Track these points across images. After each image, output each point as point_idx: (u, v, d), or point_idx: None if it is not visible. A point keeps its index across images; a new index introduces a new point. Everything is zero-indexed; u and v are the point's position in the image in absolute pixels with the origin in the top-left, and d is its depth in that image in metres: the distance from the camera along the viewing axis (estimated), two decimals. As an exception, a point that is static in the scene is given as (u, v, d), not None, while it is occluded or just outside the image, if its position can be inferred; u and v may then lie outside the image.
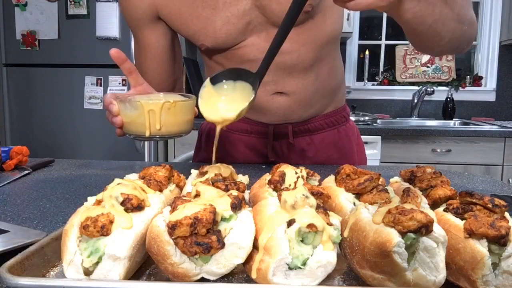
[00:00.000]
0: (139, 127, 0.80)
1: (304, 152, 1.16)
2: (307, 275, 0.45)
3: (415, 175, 0.70)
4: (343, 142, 1.20)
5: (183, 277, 0.46)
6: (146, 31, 1.06)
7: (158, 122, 0.79)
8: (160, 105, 0.78)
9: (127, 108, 0.81)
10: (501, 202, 0.48)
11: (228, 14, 0.96)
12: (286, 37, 0.71)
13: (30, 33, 2.65)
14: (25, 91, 2.71)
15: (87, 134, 2.67)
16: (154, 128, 0.80)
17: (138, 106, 0.79)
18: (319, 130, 1.16)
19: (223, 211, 0.48)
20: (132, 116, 0.80)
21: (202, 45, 1.02)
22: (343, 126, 1.20)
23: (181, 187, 0.73)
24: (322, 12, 1.00)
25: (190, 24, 0.99)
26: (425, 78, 3.33)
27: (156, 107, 0.78)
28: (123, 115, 0.82)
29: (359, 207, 0.50)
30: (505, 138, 2.63)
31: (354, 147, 1.23)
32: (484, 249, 0.44)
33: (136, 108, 0.79)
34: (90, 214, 0.47)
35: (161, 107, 0.79)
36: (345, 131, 1.21)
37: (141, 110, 0.79)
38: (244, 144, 1.17)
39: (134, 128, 0.82)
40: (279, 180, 0.66)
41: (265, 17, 0.97)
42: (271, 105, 1.07)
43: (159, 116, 0.79)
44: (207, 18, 0.97)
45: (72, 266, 0.46)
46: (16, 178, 0.99)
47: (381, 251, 0.43)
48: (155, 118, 0.79)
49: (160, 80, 1.11)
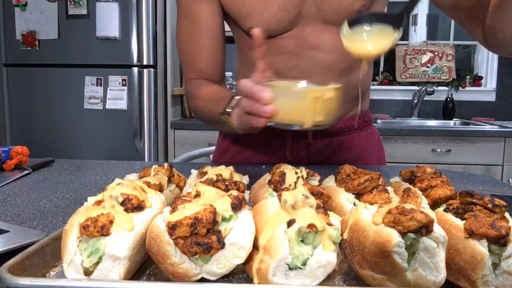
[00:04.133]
0: (297, 116, 0.71)
1: (321, 154, 1.15)
2: (307, 275, 0.45)
3: (415, 175, 0.70)
4: (362, 147, 1.18)
5: (183, 277, 0.46)
6: (201, 4, 1.02)
7: (321, 111, 0.71)
8: (326, 92, 0.71)
9: (285, 95, 0.72)
10: (501, 202, 0.48)
11: (286, 0, 0.94)
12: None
13: (30, 33, 2.64)
14: (25, 91, 2.71)
15: (87, 134, 2.67)
16: (317, 117, 0.71)
17: (302, 93, 0.71)
18: (340, 133, 1.15)
19: (223, 211, 0.48)
20: (291, 104, 0.71)
21: (251, 28, 0.98)
22: (364, 131, 1.19)
23: (181, 187, 0.73)
24: None
25: (247, 4, 0.97)
26: (425, 78, 3.33)
27: (321, 94, 0.70)
28: (277, 102, 0.71)
29: (359, 207, 0.50)
30: (505, 138, 2.63)
31: (373, 153, 1.21)
32: (484, 249, 0.44)
33: (299, 95, 0.71)
34: (90, 214, 0.47)
35: (326, 94, 0.71)
36: (366, 136, 1.19)
37: (305, 98, 0.70)
38: (262, 144, 1.16)
39: (290, 118, 0.72)
40: (279, 180, 0.66)
41: (317, 10, 0.96)
42: None
43: (322, 105, 0.71)
44: (265, 1, 0.95)
45: (72, 266, 0.46)
46: (16, 178, 0.99)
47: (381, 251, 0.43)
48: (319, 106, 0.70)
49: (214, 60, 1.07)
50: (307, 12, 0.96)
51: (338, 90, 0.72)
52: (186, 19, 1.06)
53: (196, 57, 1.07)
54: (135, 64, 2.53)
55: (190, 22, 1.05)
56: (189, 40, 1.06)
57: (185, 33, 1.07)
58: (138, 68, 2.53)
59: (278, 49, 1.01)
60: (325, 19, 0.96)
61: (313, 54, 1.00)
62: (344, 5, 0.94)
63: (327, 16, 0.96)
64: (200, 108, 1.07)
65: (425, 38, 3.38)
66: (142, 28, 2.53)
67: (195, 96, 1.07)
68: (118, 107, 2.62)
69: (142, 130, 2.60)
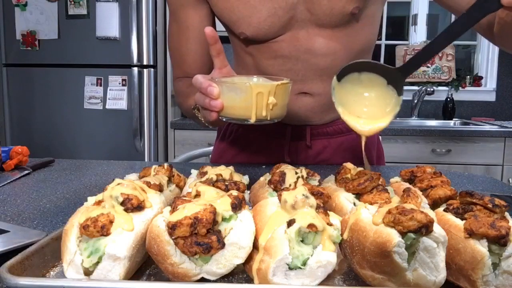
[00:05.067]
0: (243, 111, 0.73)
1: (320, 155, 1.15)
2: (307, 275, 0.45)
3: (415, 175, 0.70)
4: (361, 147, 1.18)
5: (183, 277, 0.46)
6: (190, 10, 1.04)
7: (265, 106, 0.72)
8: (269, 87, 0.71)
9: (231, 90, 0.73)
10: (501, 202, 0.48)
11: (276, 5, 0.94)
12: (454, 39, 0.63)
13: (30, 33, 2.65)
14: (25, 91, 2.71)
15: (87, 134, 2.67)
16: (260, 113, 0.72)
17: (246, 89, 0.71)
18: (338, 134, 1.15)
19: (223, 211, 0.48)
20: (236, 99, 0.72)
21: (242, 34, 1.00)
22: None
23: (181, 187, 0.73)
24: (364, 20, 0.99)
25: (236, 10, 0.97)
26: (425, 78, 3.33)
27: (265, 89, 0.71)
28: (225, 98, 0.74)
29: (359, 207, 0.50)
30: (505, 138, 2.63)
31: (372, 153, 1.21)
32: (484, 249, 0.44)
33: (243, 91, 0.72)
34: (90, 214, 0.47)
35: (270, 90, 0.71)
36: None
37: (248, 93, 0.71)
38: (260, 145, 1.16)
39: (236, 112, 0.74)
40: (279, 180, 0.66)
41: (309, 14, 0.96)
42: (294, 105, 1.05)
43: (266, 100, 0.71)
44: (254, 6, 0.95)
45: (72, 266, 0.46)
46: (16, 178, 0.99)
47: (381, 251, 0.43)
48: (263, 101, 0.71)
49: (201, 63, 1.09)
50: (300, 16, 0.96)
51: (284, 86, 0.73)
52: (176, 24, 1.08)
53: (183, 60, 1.09)
54: (135, 64, 2.53)
55: (178, 27, 1.08)
56: (177, 43, 1.10)
57: (174, 36, 1.10)
58: (138, 68, 2.53)
59: (272, 53, 1.01)
60: (318, 23, 0.96)
61: (307, 57, 1.00)
62: (337, 8, 0.93)
63: (320, 20, 0.96)
64: (180, 104, 1.14)
65: (425, 38, 3.38)
66: (142, 28, 2.53)
67: (177, 92, 1.14)
68: (118, 107, 2.62)
69: (142, 130, 2.60)
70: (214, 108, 0.74)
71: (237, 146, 1.20)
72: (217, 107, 0.74)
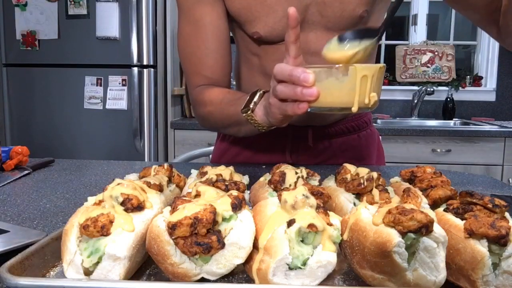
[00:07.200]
0: (345, 97, 0.65)
1: (321, 156, 1.15)
2: (307, 275, 0.45)
3: (415, 175, 0.70)
4: (362, 147, 1.18)
5: (183, 277, 0.46)
6: (207, 7, 0.99)
7: (368, 92, 0.65)
8: (374, 70, 0.64)
9: (330, 75, 0.65)
10: (501, 202, 0.48)
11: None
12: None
13: (30, 33, 2.64)
14: (25, 91, 2.71)
15: (87, 134, 2.67)
16: (363, 99, 0.65)
17: (350, 71, 0.64)
18: (339, 135, 1.15)
19: (223, 211, 0.48)
20: (336, 84, 0.65)
21: (256, 33, 0.98)
22: (364, 131, 1.19)
23: (181, 187, 0.73)
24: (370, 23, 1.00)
25: (253, 9, 0.96)
26: (425, 78, 3.33)
27: (370, 72, 0.64)
28: (321, 84, 0.66)
29: (359, 207, 0.50)
30: (505, 138, 2.63)
31: (373, 153, 1.22)
32: (484, 249, 0.44)
33: (346, 74, 0.64)
34: (90, 214, 0.47)
35: (374, 73, 0.64)
36: (366, 136, 1.19)
37: (352, 76, 0.64)
38: (262, 145, 1.16)
39: (336, 100, 0.67)
40: (279, 180, 0.66)
41: (320, 16, 0.96)
42: None
43: (370, 85, 0.65)
44: (271, 6, 0.94)
45: (72, 266, 0.46)
46: (16, 178, 0.99)
47: (381, 251, 0.43)
48: (366, 86, 0.65)
49: (223, 64, 1.03)
50: (311, 18, 0.96)
51: (383, 70, 0.67)
52: (189, 23, 1.02)
53: (202, 63, 1.03)
54: (135, 64, 2.53)
55: (193, 27, 1.01)
56: (194, 45, 1.02)
57: (189, 38, 1.03)
58: (138, 68, 2.53)
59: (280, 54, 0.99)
60: (328, 26, 0.96)
61: (315, 60, 1.00)
62: (347, 10, 0.94)
63: (330, 23, 0.96)
64: (212, 113, 1.02)
65: (425, 38, 3.38)
66: (142, 28, 2.53)
67: (204, 102, 1.02)
68: (118, 107, 2.62)
69: (142, 130, 2.60)
70: (309, 97, 0.66)
71: (238, 146, 1.19)
72: (313, 95, 0.65)
